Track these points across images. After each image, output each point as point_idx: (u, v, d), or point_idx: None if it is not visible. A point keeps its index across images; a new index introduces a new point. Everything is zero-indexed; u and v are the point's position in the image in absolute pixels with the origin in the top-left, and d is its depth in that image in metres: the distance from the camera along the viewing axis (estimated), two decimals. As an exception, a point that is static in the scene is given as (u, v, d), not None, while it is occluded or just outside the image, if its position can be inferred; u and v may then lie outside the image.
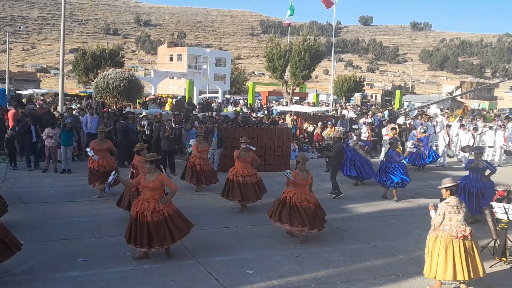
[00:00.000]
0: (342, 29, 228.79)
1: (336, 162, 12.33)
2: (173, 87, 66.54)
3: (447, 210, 6.33)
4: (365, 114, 24.16)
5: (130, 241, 7.05)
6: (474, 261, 6.23)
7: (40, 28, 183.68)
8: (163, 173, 7.42)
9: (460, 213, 6.30)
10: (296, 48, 27.37)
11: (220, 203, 10.78)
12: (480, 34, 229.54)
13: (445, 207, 6.36)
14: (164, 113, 19.83)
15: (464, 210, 6.36)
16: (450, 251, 6.19)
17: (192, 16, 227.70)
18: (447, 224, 6.29)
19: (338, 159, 12.30)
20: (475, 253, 6.27)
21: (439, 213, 6.37)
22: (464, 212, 6.35)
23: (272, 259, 7.47)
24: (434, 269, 6.28)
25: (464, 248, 6.19)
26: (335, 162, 12.34)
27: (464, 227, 6.24)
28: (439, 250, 6.26)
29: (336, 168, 12.33)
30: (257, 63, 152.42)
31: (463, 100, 60.48)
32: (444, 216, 6.31)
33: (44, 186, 12.02)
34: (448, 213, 6.31)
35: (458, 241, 6.19)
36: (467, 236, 6.23)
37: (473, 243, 6.29)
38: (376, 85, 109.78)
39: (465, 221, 6.31)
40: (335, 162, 12.34)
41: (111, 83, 20.93)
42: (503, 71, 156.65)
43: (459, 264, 6.14)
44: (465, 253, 6.17)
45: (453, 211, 6.30)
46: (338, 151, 12.25)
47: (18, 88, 46.89)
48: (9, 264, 6.69)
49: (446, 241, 6.23)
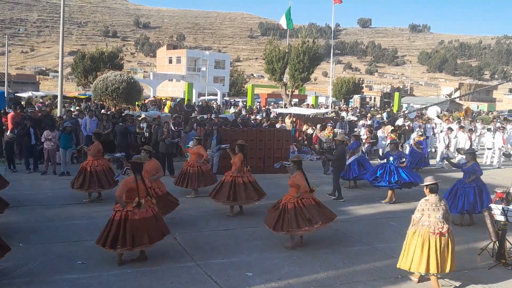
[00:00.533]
0: (341, 31, 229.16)
1: (338, 165, 12.26)
2: (172, 89, 66.49)
3: (426, 207, 6.61)
4: (364, 116, 24.18)
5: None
6: (447, 256, 6.50)
7: (39, 30, 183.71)
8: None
9: (439, 210, 6.54)
10: (295, 50, 27.42)
11: (219, 206, 10.77)
12: (478, 36, 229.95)
13: (425, 204, 6.64)
14: (163, 115, 19.83)
15: (443, 208, 6.58)
16: (426, 246, 6.46)
17: (191, 19, 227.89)
18: (426, 220, 6.55)
19: (340, 162, 12.26)
20: (449, 249, 6.52)
21: (418, 209, 6.66)
22: (444, 210, 6.58)
23: (271, 261, 7.46)
24: (409, 261, 6.59)
25: (440, 244, 6.46)
26: (337, 165, 12.27)
27: (441, 224, 6.49)
28: (416, 244, 6.54)
29: (338, 171, 12.28)
30: (256, 65, 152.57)
31: (462, 102, 60.53)
32: (423, 212, 6.59)
33: (43, 189, 12.02)
34: (427, 210, 6.58)
35: (435, 237, 6.45)
36: (444, 234, 6.48)
37: (449, 240, 6.54)
38: (375, 87, 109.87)
39: (444, 219, 6.54)
40: (337, 165, 12.27)
41: (110, 85, 20.94)
42: (501, 73, 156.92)
43: (433, 259, 6.43)
44: (440, 249, 6.45)
45: (431, 208, 6.57)
46: (340, 154, 12.22)
47: (17, 90, 46.92)
48: (8, 267, 6.69)
49: (423, 236, 6.50)
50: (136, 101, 24.67)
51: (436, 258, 6.43)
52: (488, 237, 7.98)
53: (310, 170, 16.18)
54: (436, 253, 6.44)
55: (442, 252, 6.47)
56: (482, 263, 7.73)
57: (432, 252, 6.44)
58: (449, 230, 6.55)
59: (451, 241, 6.56)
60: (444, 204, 6.68)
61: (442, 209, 6.58)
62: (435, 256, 6.43)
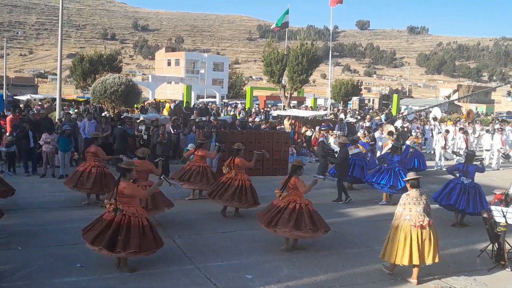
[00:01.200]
0: (339, 33, 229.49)
1: (342, 169, 12.15)
2: (171, 92, 66.51)
3: (407, 201, 6.90)
4: (362, 119, 24.20)
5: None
6: (429, 248, 6.75)
7: (37, 33, 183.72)
8: None
9: (420, 204, 6.83)
10: (294, 52, 27.43)
11: (218, 208, 10.75)
12: (477, 37, 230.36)
13: (406, 198, 6.95)
14: (162, 117, 19.83)
15: (424, 202, 6.86)
16: (408, 239, 6.74)
17: (190, 21, 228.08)
18: (407, 214, 6.83)
19: (343, 165, 12.14)
20: (431, 241, 6.77)
21: (400, 204, 6.97)
22: (424, 204, 6.85)
23: (270, 263, 7.46)
24: (394, 254, 6.86)
25: (421, 236, 6.73)
26: (341, 169, 12.15)
27: (422, 218, 6.77)
28: (399, 238, 6.82)
29: (342, 175, 12.16)
30: (255, 68, 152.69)
31: (460, 104, 60.60)
32: (404, 206, 6.88)
33: (41, 192, 12.00)
34: (408, 204, 6.87)
35: (416, 230, 6.73)
36: (425, 226, 6.75)
37: (431, 232, 6.80)
38: (373, 89, 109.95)
39: (425, 212, 6.80)
40: (341, 169, 12.15)
41: (109, 88, 20.90)
42: (500, 74, 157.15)
43: (415, 251, 6.70)
44: (421, 241, 6.72)
45: (412, 202, 6.86)
46: (343, 157, 12.07)
47: (15, 93, 46.84)
48: (6, 270, 6.68)
49: (405, 230, 6.79)
50: (135, 103, 24.64)
51: (418, 250, 6.69)
52: (487, 238, 7.98)
53: (309, 173, 16.21)
54: (418, 246, 6.70)
55: (423, 244, 6.73)
56: (481, 265, 7.73)
57: (414, 244, 6.71)
58: (430, 223, 6.81)
59: (432, 233, 6.81)
60: (425, 198, 6.93)
61: (423, 203, 6.85)
62: (417, 248, 6.70)
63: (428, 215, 6.87)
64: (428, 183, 15.06)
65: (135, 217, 6.78)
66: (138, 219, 6.79)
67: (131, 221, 6.72)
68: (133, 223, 6.72)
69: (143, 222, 6.83)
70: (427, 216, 6.83)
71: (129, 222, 6.71)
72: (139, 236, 6.68)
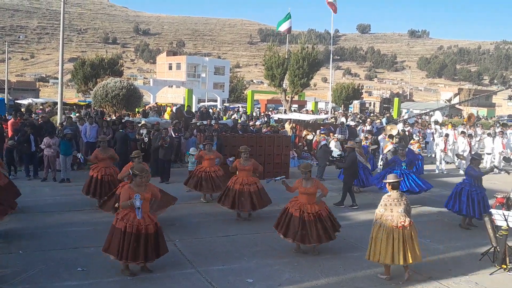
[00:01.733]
0: (340, 37, 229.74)
1: (350, 173, 11.90)
2: (172, 95, 66.58)
3: (389, 202, 7.06)
4: (363, 122, 24.20)
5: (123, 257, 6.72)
6: (411, 248, 6.91)
7: (39, 37, 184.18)
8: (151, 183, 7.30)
9: (400, 205, 7.00)
10: (295, 56, 27.48)
11: (219, 212, 10.76)
12: (477, 41, 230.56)
13: (387, 199, 7.10)
14: (163, 121, 19.84)
15: (404, 203, 7.02)
16: (390, 239, 6.91)
17: (191, 25, 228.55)
18: (389, 215, 6.99)
19: (352, 170, 11.90)
20: (413, 241, 6.95)
21: (381, 205, 7.12)
22: (405, 205, 7.01)
23: (271, 267, 7.45)
24: (377, 254, 7.01)
25: (403, 236, 6.90)
26: (348, 173, 11.90)
27: (403, 218, 6.94)
28: (381, 238, 6.98)
29: (350, 180, 11.96)
30: (256, 72, 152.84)
31: (461, 108, 60.58)
32: (385, 207, 7.04)
33: (43, 196, 12.01)
34: (390, 205, 7.03)
35: (398, 230, 6.89)
36: (406, 226, 6.92)
37: (412, 232, 6.98)
38: (374, 92, 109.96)
39: (405, 213, 6.98)
40: (348, 173, 11.90)
41: (110, 92, 20.94)
42: (500, 78, 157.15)
43: (397, 250, 6.87)
44: (403, 241, 6.89)
45: (393, 203, 7.03)
46: (351, 162, 11.87)
47: (17, 97, 46.98)
48: (7, 274, 6.69)
49: (387, 230, 6.95)
50: (136, 107, 24.68)
51: (399, 250, 6.86)
52: (489, 242, 7.97)
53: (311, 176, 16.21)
54: (399, 245, 6.87)
55: (405, 244, 6.89)
56: (483, 268, 7.71)
57: (396, 244, 6.88)
58: (410, 223, 7.00)
59: (413, 233, 7.00)
60: (405, 199, 7.11)
61: (403, 203, 7.02)
62: (398, 248, 6.87)
63: (409, 215, 7.05)
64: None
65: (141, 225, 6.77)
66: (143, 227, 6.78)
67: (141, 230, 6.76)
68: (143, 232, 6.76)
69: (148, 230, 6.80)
70: (408, 216, 7.01)
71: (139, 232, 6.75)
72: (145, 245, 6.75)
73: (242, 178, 10.21)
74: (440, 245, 8.96)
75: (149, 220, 6.84)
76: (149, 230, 6.78)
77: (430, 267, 7.69)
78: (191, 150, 13.30)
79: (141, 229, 6.71)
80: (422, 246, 8.82)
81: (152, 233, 6.80)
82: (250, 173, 10.28)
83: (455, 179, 16.85)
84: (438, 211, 11.86)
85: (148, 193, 6.93)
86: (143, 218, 6.75)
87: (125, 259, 6.66)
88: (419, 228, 9.95)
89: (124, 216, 6.79)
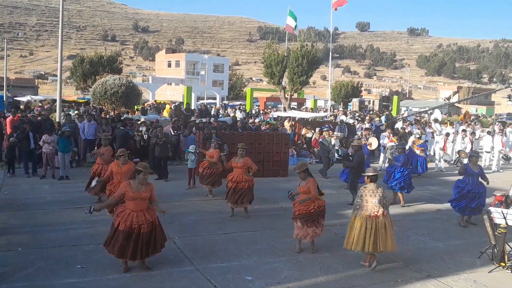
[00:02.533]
0: (339, 35, 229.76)
1: (356, 172, 11.43)
2: (171, 93, 66.59)
3: (365, 193, 7.43)
4: (362, 120, 24.19)
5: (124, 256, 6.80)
6: (383, 237, 7.23)
7: (38, 34, 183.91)
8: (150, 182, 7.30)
9: (375, 196, 7.33)
10: (294, 54, 27.44)
11: (217, 209, 10.78)
12: (477, 39, 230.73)
13: (363, 191, 7.49)
14: (162, 119, 19.83)
15: (380, 195, 7.35)
16: (363, 228, 7.27)
17: (190, 23, 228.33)
18: (364, 206, 7.35)
19: (358, 168, 11.38)
20: (386, 231, 7.27)
21: (358, 195, 7.56)
22: (380, 196, 7.33)
23: (270, 265, 7.45)
24: (351, 241, 7.38)
25: (376, 226, 7.24)
26: (355, 172, 11.53)
27: (377, 209, 7.28)
28: (356, 226, 7.35)
29: (356, 178, 11.52)
30: (255, 69, 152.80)
31: (461, 106, 60.63)
32: (362, 198, 7.42)
33: (42, 193, 11.99)
34: (365, 196, 7.40)
35: (371, 220, 7.24)
36: (379, 216, 7.25)
37: (386, 222, 7.30)
38: (373, 90, 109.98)
39: (380, 204, 7.28)
40: (355, 172, 11.53)
41: (109, 89, 20.91)
42: (500, 76, 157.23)
43: (368, 238, 7.21)
44: (375, 230, 7.23)
45: (369, 194, 7.38)
46: (359, 161, 11.59)
47: (16, 94, 46.91)
48: (6, 272, 6.68)
49: (362, 219, 7.31)
50: (135, 105, 24.66)
51: (370, 238, 7.20)
52: (487, 240, 7.98)
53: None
54: (371, 234, 7.20)
55: (378, 233, 7.22)
56: (481, 267, 7.72)
57: (368, 233, 7.22)
58: (384, 214, 7.31)
59: (387, 223, 7.30)
60: (381, 191, 7.42)
61: (378, 195, 7.35)
62: (370, 236, 7.20)
63: (384, 206, 7.33)
64: (429, 184, 15.10)
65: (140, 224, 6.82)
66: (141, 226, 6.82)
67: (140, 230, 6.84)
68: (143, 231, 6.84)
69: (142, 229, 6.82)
70: (383, 207, 7.30)
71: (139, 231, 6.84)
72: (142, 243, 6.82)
73: (237, 175, 10.19)
74: (439, 243, 8.97)
75: (143, 219, 6.83)
76: (143, 229, 6.77)
77: (429, 265, 7.71)
78: (191, 147, 13.28)
79: (135, 228, 6.74)
80: (421, 244, 8.89)
81: (146, 232, 6.79)
82: (243, 170, 10.23)
83: (454, 177, 16.88)
84: (436, 209, 11.88)
85: (147, 192, 6.93)
86: (137, 216, 6.77)
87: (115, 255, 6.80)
88: (418, 226, 10.07)
89: (120, 213, 6.87)
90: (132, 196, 6.82)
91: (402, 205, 11.88)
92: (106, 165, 10.85)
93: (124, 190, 6.91)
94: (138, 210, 6.84)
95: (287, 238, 8.67)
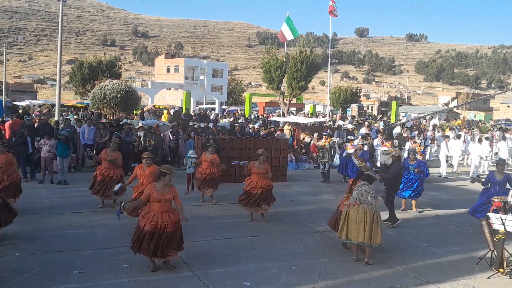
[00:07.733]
0: (338, 40, 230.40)
1: (393, 185, 10.66)
2: (170, 98, 66.65)
3: (354, 188, 8.15)
4: (360, 125, 24.21)
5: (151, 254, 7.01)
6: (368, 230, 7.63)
7: (37, 39, 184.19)
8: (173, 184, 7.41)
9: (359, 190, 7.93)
10: (293, 59, 27.52)
11: (216, 214, 10.76)
12: (475, 45, 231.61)
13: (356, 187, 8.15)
14: (161, 124, 19.84)
15: (366, 190, 7.88)
16: (345, 217, 7.88)
17: (189, 28, 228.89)
18: (350, 198, 8.10)
19: (395, 180, 10.69)
20: (371, 224, 7.65)
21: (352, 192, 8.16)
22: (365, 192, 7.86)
23: (269, 271, 7.43)
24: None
25: (357, 217, 7.69)
26: (391, 184, 10.64)
27: (358, 200, 7.79)
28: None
29: (393, 191, 10.67)
30: (254, 74, 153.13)
31: (459, 111, 60.77)
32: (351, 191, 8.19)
33: (40, 198, 11.96)
34: (353, 190, 8.14)
35: (351, 209, 7.79)
36: (357, 206, 7.74)
37: (368, 215, 7.68)
38: (372, 96, 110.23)
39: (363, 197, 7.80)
40: (391, 184, 10.64)
41: (108, 94, 20.93)
42: (498, 82, 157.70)
43: (351, 229, 7.74)
44: (356, 221, 7.69)
45: (355, 188, 8.07)
46: (396, 172, 10.66)
47: (15, 99, 46.93)
48: (4, 277, 6.65)
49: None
50: (134, 109, 24.68)
51: (352, 228, 7.70)
52: (486, 246, 7.97)
53: (307, 179, 16.21)
54: (353, 224, 7.71)
55: (360, 225, 7.65)
56: (480, 272, 7.71)
57: (350, 223, 7.75)
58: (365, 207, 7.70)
59: (370, 217, 7.66)
60: (369, 188, 7.93)
61: (365, 191, 7.89)
62: (352, 226, 7.71)
63: (366, 201, 7.75)
64: (428, 189, 15.05)
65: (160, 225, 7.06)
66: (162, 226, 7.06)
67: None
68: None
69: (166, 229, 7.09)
70: (365, 202, 7.74)
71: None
72: None
73: (257, 181, 10.24)
74: (438, 249, 8.96)
75: (168, 220, 7.04)
76: (168, 229, 7.01)
77: (427, 271, 7.69)
78: (190, 152, 13.26)
79: (160, 227, 6.98)
80: (420, 250, 8.87)
81: (170, 232, 7.02)
82: (263, 176, 10.31)
83: (454, 183, 16.89)
84: (435, 214, 11.88)
85: (170, 193, 7.13)
86: (162, 217, 6.99)
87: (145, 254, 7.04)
88: (417, 232, 10.05)
89: (145, 215, 7.10)
90: (157, 197, 7.03)
91: (402, 209, 11.87)
92: (112, 169, 10.86)
93: (149, 191, 7.12)
94: (163, 211, 7.06)
95: (285, 243, 8.65)
